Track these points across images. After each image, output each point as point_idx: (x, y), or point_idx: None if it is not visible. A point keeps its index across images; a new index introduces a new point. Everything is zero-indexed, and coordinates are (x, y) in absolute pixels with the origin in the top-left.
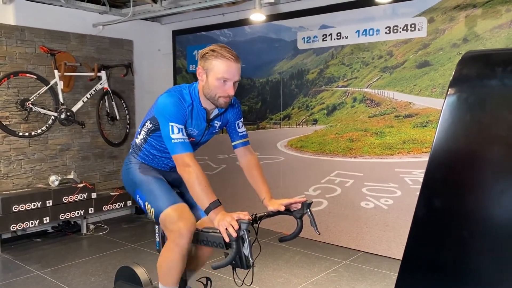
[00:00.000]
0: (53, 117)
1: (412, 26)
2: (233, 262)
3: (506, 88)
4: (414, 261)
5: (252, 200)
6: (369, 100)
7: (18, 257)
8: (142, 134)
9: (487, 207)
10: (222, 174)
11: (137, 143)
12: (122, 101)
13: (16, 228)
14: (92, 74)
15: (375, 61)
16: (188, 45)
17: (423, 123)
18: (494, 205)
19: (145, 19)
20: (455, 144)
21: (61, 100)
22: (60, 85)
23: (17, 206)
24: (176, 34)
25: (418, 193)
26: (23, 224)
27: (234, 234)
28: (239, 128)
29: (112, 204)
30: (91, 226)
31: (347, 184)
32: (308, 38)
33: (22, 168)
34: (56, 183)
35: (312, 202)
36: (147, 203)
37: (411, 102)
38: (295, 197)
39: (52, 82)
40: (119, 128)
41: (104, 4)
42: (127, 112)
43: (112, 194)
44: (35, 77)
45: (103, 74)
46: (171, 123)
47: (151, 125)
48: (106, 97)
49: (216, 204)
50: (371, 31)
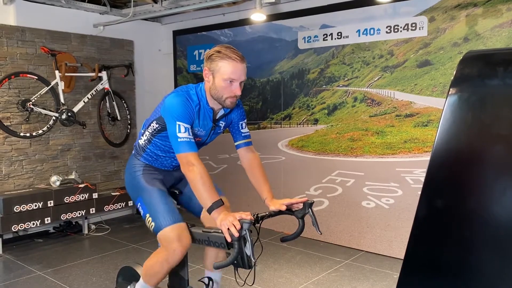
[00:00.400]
0: (54, 117)
1: (413, 25)
2: (235, 262)
3: (507, 88)
4: (416, 261)
5: (253, 199)
6: (370, 100)
7: (20, 257)
8: (146, 135)
9: (489, 206)
10: (223, 174)
11: (140, 144)
12: (123, 101)
13: (17, 228)
14: (93, 74)
15: (375, 60)
16: (189, 45)
17: (424, 122)
18: (496, 204)
19: (145, 19)
20: (456, 144)
21: (62, 100)
22: (61, 85)
23: (18, 207)
24: (176, 34)
25: (420, 192)
26: (24, 224)
27: (236, 234)
28: (242, 128)
29: (113, 204)
30: (93, 227)
31: (348, 183)
32: (309, 38)
33: (24, 169)
34: (58, 183)
35: (313, 202)
36: (148, 215)
37: (412, 102)
38: (296, 196)
39: (53, 83)
40: (120, 129)
41: (104, 5)
42: (128, 112)
43: (113, 194)
44: (36, 77)
45: (104, 74)
46: (178, 122)
47: (157, 125)
48: (107, 97)
49: (218, 203)
50: (371, 31)
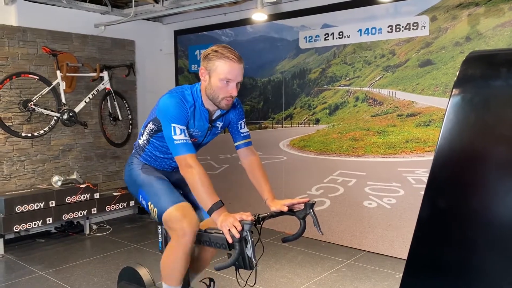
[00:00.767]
0: (55, 117)
1: (415, 24)
2: (236, 263)
3: (511, 89)
4: (419, 261)
5: (255, 200)
6: (371, 99)
7: (21, 257)
8: (144, 135)
9: (492, 207)
10: (224, 174)
11: (140, 144)
12: (124, 101)
13: (19, 228)
14: (94, 74)
15: (377, 60)
16: (190, 45)
17: (426, 122)
18: (499, 205)
19: (146, 19)
20: (459, 145)
21: (63, 100)
22: (62, 85)
23: (20, 207)
24: (177, 34)
25: (422, 192)
26: (26, 224)
27: (237, 235)
28: (241, 128)
29: (115, 204)
30: (94, 227)
31: (349, 183)
32: (310, 38)
33: (25, 169)
34: (59, 183)
35: (315, 203)
36: (150, 203)
37: (414, 101)
38: (297, 197)
39: (54, 83)
40: (122, 129)
41: (105, 5)
42: (129, 112)
43: (115, 194)
44: (38, 78)
45: (105, 74)
46: (173, 124)
47: (153, 126)
48: (108, 97)
49: (218, 205)
50: (373, 30)
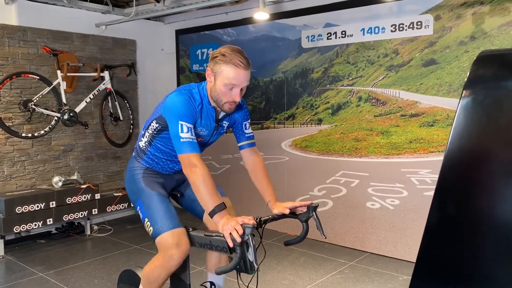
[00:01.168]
0: (56, 117)
1: (418, 24)
2: (237, 267)
3: None
4: (428, 264)
5: (257, 200)
6: (374, 99)
7: (22, 258)
8: (146, 137)
9: (503, 211)
10: (226, 174)
11: (141, 146)
12: (126, 101)
13: (19, 229)
14: (95, 74)
15: (380, 59)
16: (192, 44)
17: (429, 122)
18: (510, 209)
19: (148, 18)
20: (470, 148)
21: (64, 100)
22: (63, 85)
23: (20, 208)
24: (179, 33)
25: (426, 194)
26: (26, 225)
27: (239, 239)
28: (246, 129)
29: (116, 205)
30: (95, 227)
31: (352, 184)
32: (313, 37)
33: (26, 169)
34: (60, 184)
35: (318, 205)
36: (146, 220)
37: (417, 101)
38: (299, 197)
39: (55, 83)
40: (123, 129)
41: (106, 4)
42: (130, 112)
43: (116, 195)
44: (38, 77)
45: (106, 74)
46: (180, 122)
47: (157, 124)
48: (109, 97)
49: (221, 207)
50: (376, 29)
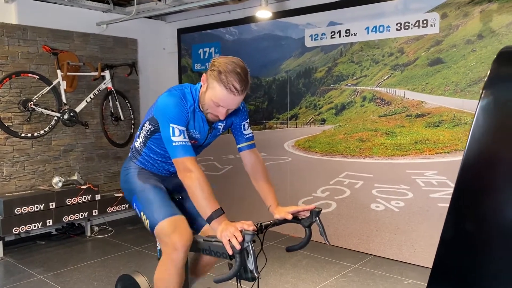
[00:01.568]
0: (56, 117)
1: (424, 22)
2: (237, 274)
3: None
4: (444, 271)
5: (259, 202)
6: (379, 99)
7: (21, 260)
8: (141, 137)
9: None
10: (228, 175)
11: (136, 147)
12: (127, 101)
13: (18, 230)
14: (96, 73)
15: (385, 58)
16: (193, 43)
17: (435, 122)
18: None
19: (149, 17)
20: (490, 152)
21: (64, 100)
22: (63, 85)
23: (19, 209)
24: (181, 32)
25: (431, 195)
26: (25, 226)
27: (238, 247)
28: (245, 130)
29: (116, 206)
30: (96, 228)
31: (356, 185)
32: (316, 36)
33: (25, 170)
34: (60, 184)
35: (321, 210)
36: (142, 213)
37: (423, 101)
38: (302, 198)
39: (54, 82)
40: (124, 129)
41: (107, 2)
42: (131, 112)
43: (116, 195)
44: (38, 77)
45: (107, 73)
46: (172, 125)
47: (150, 126)
48: (110, 97)
49: (219, 213)
50: (381, 28)
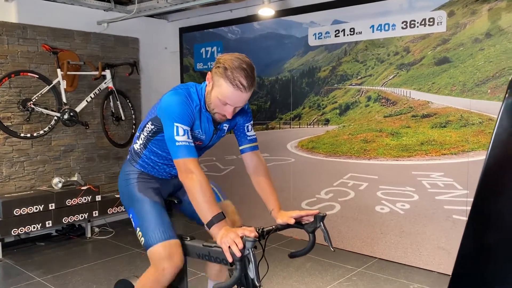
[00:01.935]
0: (55, 117)
1: (431, 20)
2: (238, 282)
3: None
4: (465, 280)
5: (262, 203)
6: (384, 99)
7: (20, 262)
8: (141, 139)
9: None
10: (230, 176)
11: (135, 149)
12: (128, 100)
13: (17, 232)
14: (97, 73)
15: (390, 57)
16: (195, 42)
17: (442, 123)
18: None
19: (151, 16)
20: None
21: (64, 100)
22: (63, 84)
23: (18, 210)
24: (183, 31)
25: (438, 198)
26: (24, 228)
27: (238, 254)
28: (248, 131)
29: (117, 207)
30: (96, 230)
31: (361, 187)
32: (320, 34)
33: (25, 170)
34: (60, 185)
35: (325, 215)
36: (138, 229)
37: (429, 101)
38: (306, 200)
39: (54, 82)
40: (125, 129)
41: (109, 1)
42: (132, 112)
43: (117, 196)
44: (37, 76)
45: (107, 73)
46: (176, 124)
47: (152, 126)
48: (111, 96)
49: (219, 217)
50: (386, 26)
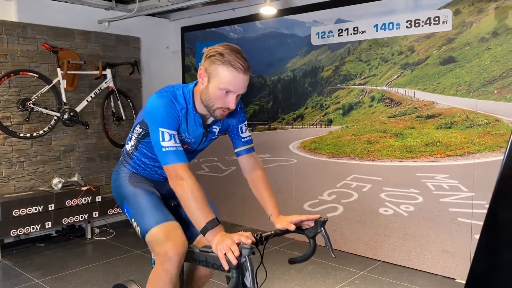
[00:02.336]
0: (55, 117)
1: (436, 19)
2: None
3: None
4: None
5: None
6: (388, 99)
7: (19, 263)
8: (132, 140)
9: None
10: (232, 176)
11: (127, 150)
12: (129, 100)
13: (16, 233)
14: (97, 72)
15: (395, 57)
16: (197, 42)
17: (447, 124)
18: None
19: (152, 15)
20: None
21: (64, 99)
22: (63, 84)
23: (17, 210)
24: (184, 30)
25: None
26: (23, 229)
27: (234, 261)
28: (242, 132)
29: (117, 208)
30: (96, 230)
31: (364, 188)
32: (323, 33)
33: (25, 170)
34: (59, 186)
35: (326, 220)
36: (133, 220)
37: (434, 102)
38: (308, 202)
39: (54, 81)
40: (126, 129)
41: (109, 0)
42: (133, 112)
43: None
44: (37, 75)
45: (108, 72)
46: (161, 129)
47: (141, 129)
48: (111, 96)
49: (214, 223)
50: (390, 25)
